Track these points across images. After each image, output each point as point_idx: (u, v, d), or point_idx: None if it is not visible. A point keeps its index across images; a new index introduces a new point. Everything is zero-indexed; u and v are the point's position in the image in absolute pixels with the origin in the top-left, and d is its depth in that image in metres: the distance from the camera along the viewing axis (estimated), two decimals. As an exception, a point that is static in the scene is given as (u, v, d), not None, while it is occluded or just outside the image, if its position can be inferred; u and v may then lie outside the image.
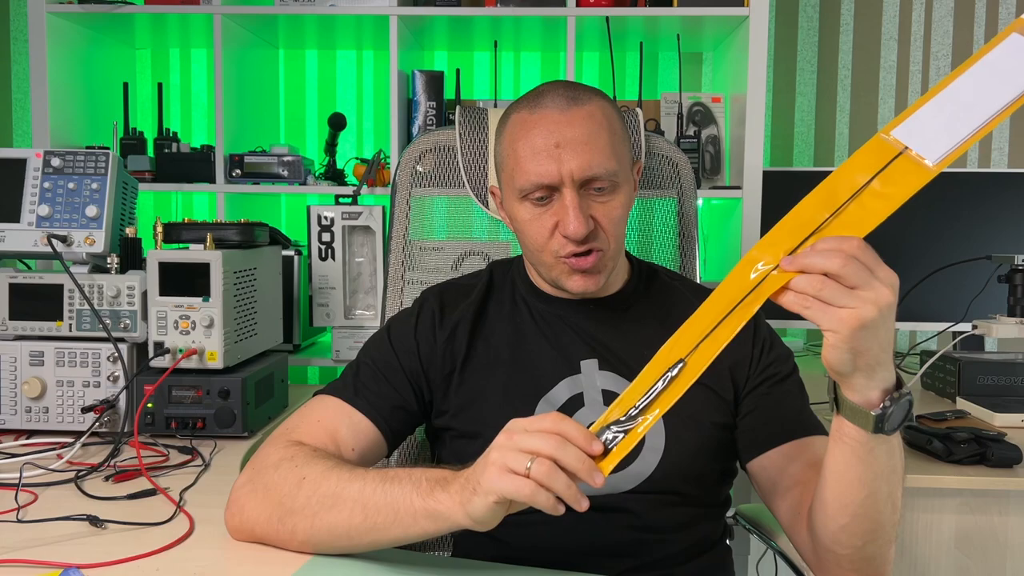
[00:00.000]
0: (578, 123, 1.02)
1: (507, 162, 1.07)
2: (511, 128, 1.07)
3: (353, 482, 0.86)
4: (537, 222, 1.04)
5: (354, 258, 2.01)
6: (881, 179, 0.76)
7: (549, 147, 1.01)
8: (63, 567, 0.84)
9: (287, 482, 0.90)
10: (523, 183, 1.03)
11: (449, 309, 1.14)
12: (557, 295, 1.14)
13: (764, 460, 1.04)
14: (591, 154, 1.01)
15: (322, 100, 2.49)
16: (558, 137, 1.01)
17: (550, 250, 1.04)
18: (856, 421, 0.79)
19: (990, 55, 0.76)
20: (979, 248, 1.89)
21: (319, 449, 0.97)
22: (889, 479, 0.84)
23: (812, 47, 2.43)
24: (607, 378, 1.08)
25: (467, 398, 1.09)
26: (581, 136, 1.01)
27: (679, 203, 1.44)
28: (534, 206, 1.04)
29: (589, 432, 0.76)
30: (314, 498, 0.87)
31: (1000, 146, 2.40)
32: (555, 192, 1.02)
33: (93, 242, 1.42)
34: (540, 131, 1.02)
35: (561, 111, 1.02)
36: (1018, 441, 1.35)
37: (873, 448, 0.81)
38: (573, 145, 1.00)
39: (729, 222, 2.14)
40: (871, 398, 0.78)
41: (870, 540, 0.88)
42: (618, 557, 1.02)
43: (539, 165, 1.01)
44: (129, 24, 2.17)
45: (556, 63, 2.44)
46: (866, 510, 0.85)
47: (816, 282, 0.73)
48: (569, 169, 1.00)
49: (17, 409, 1.39)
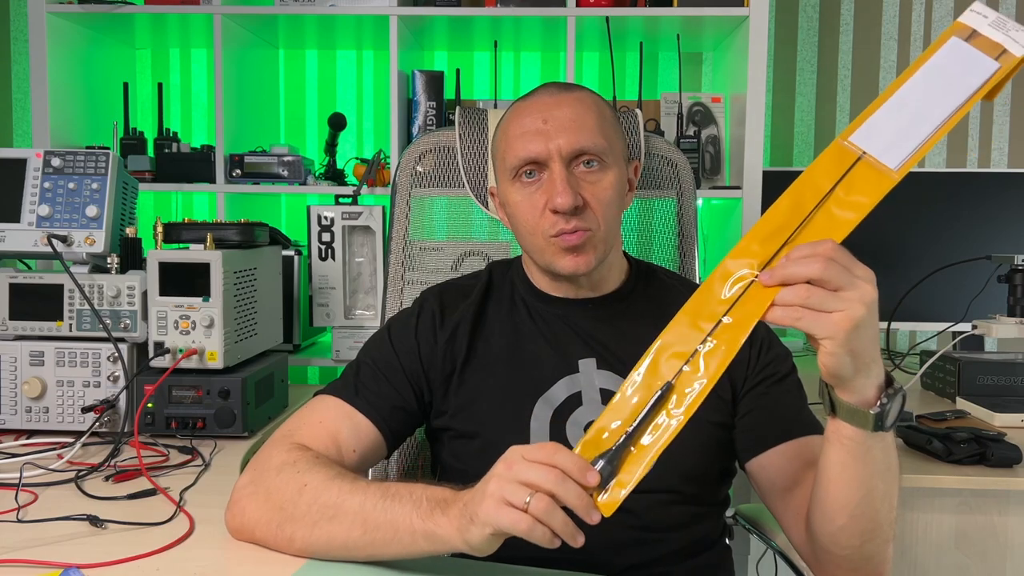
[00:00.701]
0: (566, 104, 1.06)
1: (499, 147, 1.11)
2: (504, 119, 1.11)
3: (355, 495, 0.86)
4: (528, 202, 1.06)
5: (354, 258, 2.01)
6: (844, 186, 0.77)
7: (537, 125, 1.05)
8: (63, 567, 0.84)
9: (288, 488, 0.90)
10: (512, 161, 1.06)
11: (449, 310, 1.14)
12: (556, 294, 1.14)
13: (763, 460, 1.04)
14: (579, 131, 1.04)
15: (322, 100, 2.49)
16: (546, 115, 1.05)
17: (541, 230, 1.06)
18: (854, 422, 0.79)
19: (934, 59, 0.77)
20: (979, 248, 1.89)
21: (321, 455, 0.97)
22: (885, 476, 0.84)
23: (812, 47, 2.43)
24: (605, 377, 1.08)
25: (466, 398, 1.09)
26: (569, 114, 1.05)
27: (679, 203, 1.44)
28: (524, 185, 1.06)
29: (585, 463, 0.75)
30: (314, 507, 0.87)
31: (1000, 146, 2.40)
32: (544, 169, 1.05)
33: (93, 242, 1.42)
34: (529, 113, 1.07)
35: (551, 95, 1.08)
36: (1018, 441, 1.35)
37: (871, 447, 0.81)
38: (561, 122, 1.04)
39: (729, 222, 2.14)
40: (868, 397, 0.78)
41: (868, 539, 0.88)
42: (617, 556, 1.02)
43: (528, 142, 1.05)
44: (129, 24, 2.17)
45: (556, 63, 2.44)
46: (863, 509, 0.85)
47: (801, 291, 0.73)
48: (557, 144, 1.04)
49: (17, 409, 1.39)
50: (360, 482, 0.89)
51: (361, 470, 1.07)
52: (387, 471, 1.36)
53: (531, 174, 1.06)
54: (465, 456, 1.09)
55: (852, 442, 0.81)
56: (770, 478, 1.03)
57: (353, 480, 0.89)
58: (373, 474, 1.34)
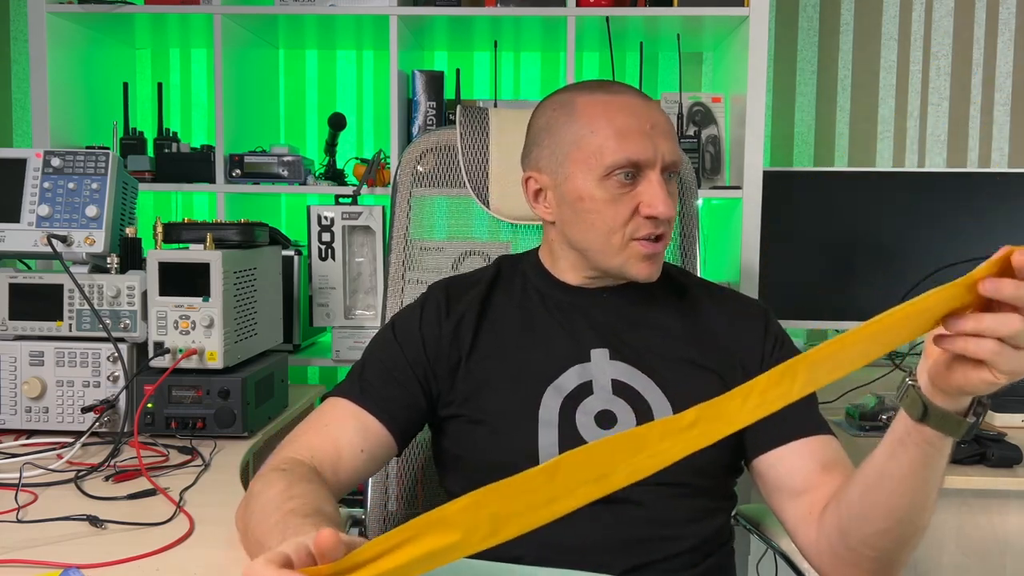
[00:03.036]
0: (659, 113, 1.08)
1: (585, 140, 1.06)
2: (587, 108, 1.07)
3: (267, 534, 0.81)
4: (618, 203, 1.05)
5: (354, 258, 2.01)
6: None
7: (644, 127, 1.05)
8: (63, 567, 0.84)
9: (248, 509, 0.90)
10: (615, 159, 1.04)
11: (455, 300, 1.14)
12: (569, 283, 1.14)
13: (771, 457, 1.03)
14: (674, 142, 1.07)
15: (322, 100, 2.49)
16: (651, 120, 1.06)
17: (626, 232, 1.06)
18: (944, 429, 0.78)
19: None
20: (979, 248, 1.89)
21: (290, 468, 0.95)
22: (941, 483, 0.85)
23: (812, 47, 2.43)
24: (618, 367, 1.08)
25: (473, 386, 1.09)
26: (666, 123, 1.07)
27: (679, 203, 1.44)
28: (619, 186, 1.05)
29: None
30: (251, 536, 0.87)
31: (1000, 146, 2.40)
32: (641, 173, 1.05)
33: (93, 242, 1.42)
34: (629, 113, 1.06)
35: (642, 99, 1.08)
36: (1018, 441, 1.35)
37: (945, 453, 0.81)
38: (662, 129, 1.06)
39: (729, 222, 2.14)
40: (963, 406, 0.78)
41: (905, 544, 0.89)
42: (627, 553, 1.01)
43: (634, 143, 1.04)
44: (129, 24, 2.17)
45: (556, 63, 2.44)
46: (912, 515, 0.86)
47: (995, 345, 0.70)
48: (662, 151, 1.05)
49: (17, 409, 1.39)
50: (276, 514, 0.83)
51: (371, 469, 1.07)
52: (387, 470, 1.36)
53: (629, 176, 1.05)
54: (469, 443, 1.08)
55: (932, 447, 0.80)
56: (779, 476, 1.02)
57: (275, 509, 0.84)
58: (373, 475, 1.33)
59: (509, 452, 1.04)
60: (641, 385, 1.07)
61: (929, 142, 2.41)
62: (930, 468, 0.82)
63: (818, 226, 2.01)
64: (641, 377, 1.07)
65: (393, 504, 1.35)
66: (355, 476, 1.03)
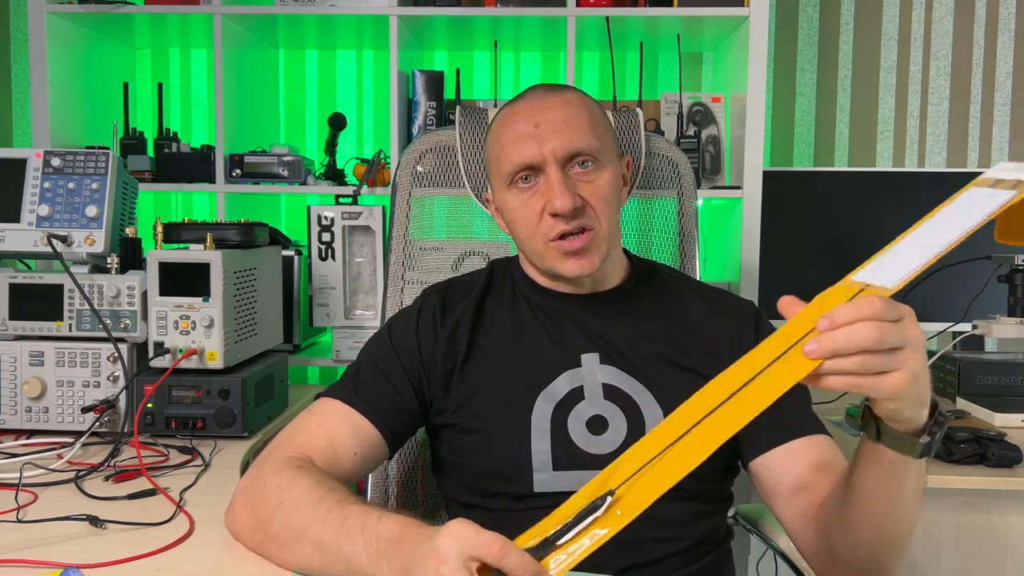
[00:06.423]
0: (556, 107, 1.07)
1: (492, 154, 1.11)
2: (495, 125, 1.12)
3: (316, 522, 0.85)
4: (525, 207, 1.07)
5: (354, 258, 2.01)
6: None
7: (530, 129, 1.06)
8: (63, 567, 0.84)
9: (268, 503, 0.90)
10: (508, 168, 1.07)
11: (450, 307, 1.14)
12: (556, 289, 1.14)
13: (768, 459, 1.03)
14: (571, 132, 1.05)
15: (322, 100, 2.49)
16: (538, 119, 1.06)
17: (541, 235, 1.06)
18: (901, 449, 0.78)
19: (949, 207, 0.75)
20: (979, 248, 1.89)
21: (308, 464, 0.96)
22: (915, 495, 0.84)
23: (812, 47, 2.43)
24: (608, 372, 1.08)
25: (467, 394, 1.09)
26: (560, 117, 1.06)
27: (679, 203, 1.44)
28: (520, 191, 1.07)
29: (538, 567, 0.71)
30: (284, 528, 0.87)
31: (1000, 146, 2.40)
32: (540, 173, 1.06)
33: (93, 242, 1.42)
34: (521, 117, 1.07)
35: (540, 98, 1.09)
36: (1018, 441, 1.35)
37: (910, 468, 0.80)
38: (553, 124, 1.05)
39: (729, 222, 2.14)
40: (918, 426, 0.77)
41: (889, 552, 0.89)
42: (620, 554, 1.01)
43: (522, 148, 1.05)
44: (129, 24, 2.17)
45: (556, 63, 2.44)
46: (891, 524, 0.86)
47: (857, 360, 0.68)
48: (551, 148, 1.04)
49: (17, 409, 1.39)
50: (324, 504, 0.87)
51: (362, 471, 1.06)
52: (387, 471, 1.36)
53: (527, 179, 1.07)
54: (464, 451, 1.09)
55: (893, 465, 0.80)
56: (775, 477, 1.02)
57: (319, 500, 0.88)
58: (374, 476, 1.34)
59: (503, 460, 1.05)
60: (631, 389, 1.07)
61: (929, 142, 2.41)
62: (898, 483, 0.82)
63: (818, 226, 2.01)
64: (631, 381, 1.08)
65: (393, 504, 1.35)
66: (347, 478, 1.03)
